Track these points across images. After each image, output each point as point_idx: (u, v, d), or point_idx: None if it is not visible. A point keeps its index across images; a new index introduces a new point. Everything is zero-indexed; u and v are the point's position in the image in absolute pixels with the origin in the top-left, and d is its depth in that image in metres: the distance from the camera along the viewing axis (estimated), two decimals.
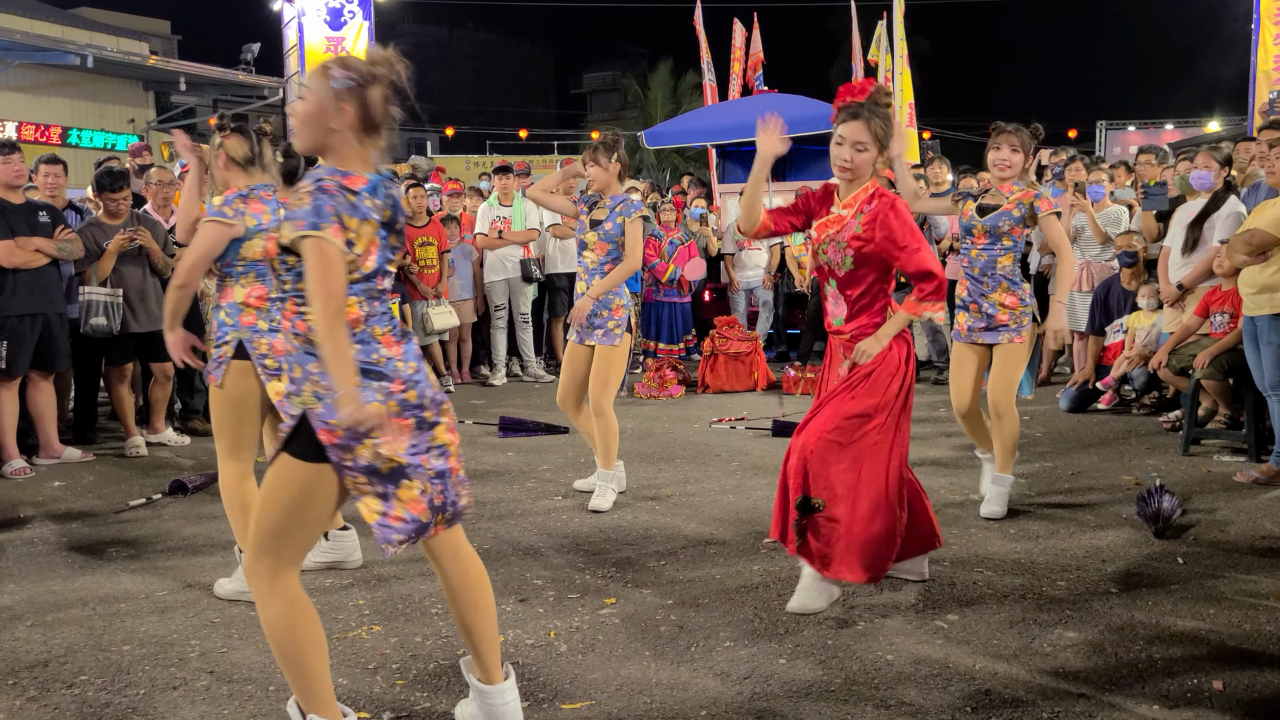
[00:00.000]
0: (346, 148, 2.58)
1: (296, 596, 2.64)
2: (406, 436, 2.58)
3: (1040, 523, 4.84)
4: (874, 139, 3.66)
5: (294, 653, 2.63)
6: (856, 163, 3.68)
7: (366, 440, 2.52)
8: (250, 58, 20.44)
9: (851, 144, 3.67)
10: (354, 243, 2.50)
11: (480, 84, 59.68)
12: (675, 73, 35.45)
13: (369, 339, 2.58)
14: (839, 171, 3.73)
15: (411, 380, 2.62)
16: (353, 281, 2.54)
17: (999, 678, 3.19)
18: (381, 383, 2.56)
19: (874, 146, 3.67)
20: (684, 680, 3.22)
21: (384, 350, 2.59)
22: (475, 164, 21.92)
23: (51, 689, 3.25)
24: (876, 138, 3.66)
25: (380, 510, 2.63)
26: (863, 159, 3.68)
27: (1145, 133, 26.96)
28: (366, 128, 2.58)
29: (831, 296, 3.86)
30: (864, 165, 3.69)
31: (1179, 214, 6.89)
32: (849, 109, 3.69)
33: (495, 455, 6.55)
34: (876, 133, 3.66)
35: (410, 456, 2.61)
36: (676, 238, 10.31)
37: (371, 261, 2.57)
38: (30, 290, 6.16)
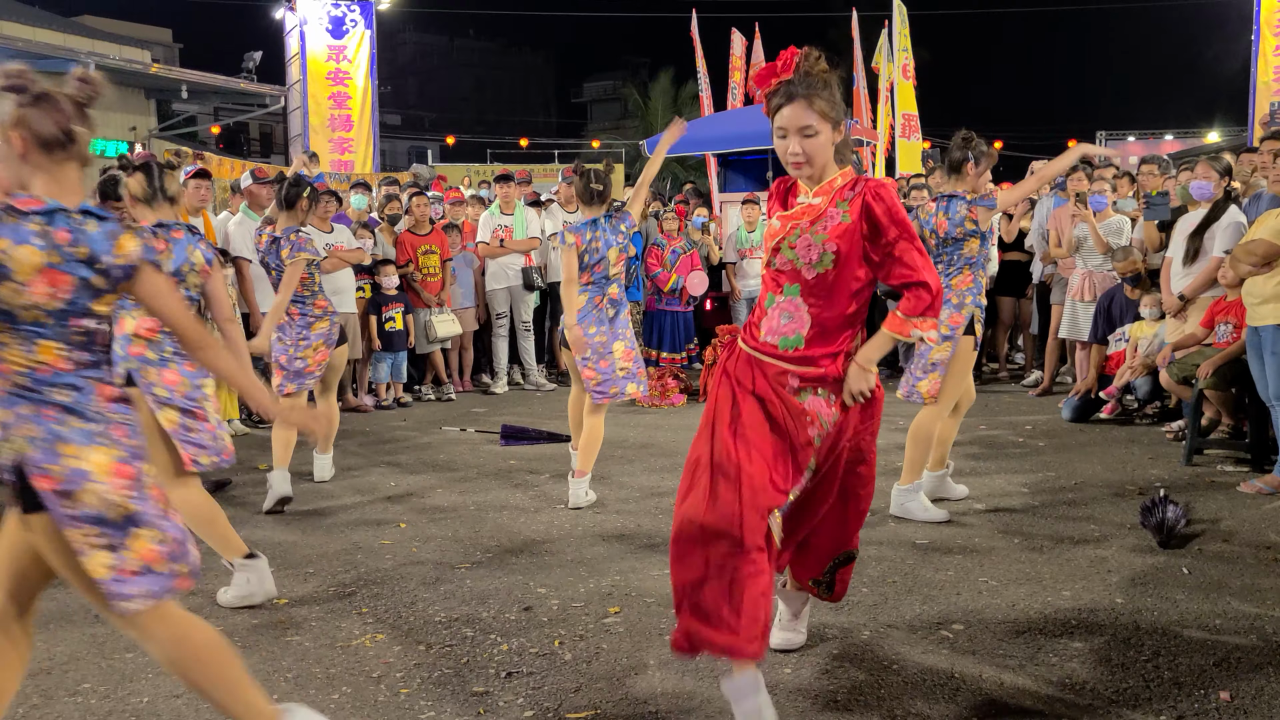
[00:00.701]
0: (41, 173, 2.43)
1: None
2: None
3: (1044, 532, 4.83)
4: (821, 117, 2.94)
5: None
6: (810, 151, 2.96)
7: (88, 485, 2.34)
8: (252, 66, 20.48)
9: (797, 132, 2.95)
10: (6, 266, 2.30)
11: (481, 93, 59.80)
12: (675, 82, 35.51)
13: (84, 386, 2.41)
14: (793, 169, 3.02)
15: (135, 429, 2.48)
16: (34, 321, 2.35)
17: (1005, 687, 3.18)
18: (101, 426, 2.41)
19: (825, 125, 2.95)
20: (689, 689, 3.21)
21: (99, 402, 2.42)
22: (476, 172, 21.94)
23: (55, 696, 3.23)
24: (824, 115, 2.94)
25: (110, 564, 2.38)
26: (816, 145, 2.95)
27: (1145, 143, 27.01)
28: (45, 149, 2.43)
29: (782, 309, 3.02)
30: (819, 151, 2.97)
31: (1180, 224, 6.89)
32: (779, 92, 2.96)
33: (497, 463, 6.54)
34: (822, 110, 2.93)
35: (140, 504, 2.42)
36: (679, 246, 10.31)
37: (50, 299, 2.35)
38: None
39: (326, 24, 18.46)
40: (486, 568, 4.44)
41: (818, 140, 2.95)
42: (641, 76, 43.50)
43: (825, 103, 2.93)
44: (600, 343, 5.54)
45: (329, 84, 18.49)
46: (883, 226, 2.94)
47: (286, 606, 3.99)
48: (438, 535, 4.94)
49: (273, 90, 20.48)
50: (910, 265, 2.96)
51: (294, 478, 6.21)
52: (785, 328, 3.01)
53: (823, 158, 2.99)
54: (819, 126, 2.94)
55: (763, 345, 3.03)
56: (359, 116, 18.66)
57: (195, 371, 4.07)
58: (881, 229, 2.94)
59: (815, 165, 2.98)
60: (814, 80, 2.93)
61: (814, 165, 2.98)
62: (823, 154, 2.99)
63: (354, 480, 6.14)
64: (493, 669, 3.38)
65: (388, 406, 8.79)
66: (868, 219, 2.94)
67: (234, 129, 33.21)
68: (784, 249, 3.02)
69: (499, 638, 3.64)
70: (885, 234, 2.94)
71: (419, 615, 3.88)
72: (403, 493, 5.81)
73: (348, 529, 5.08)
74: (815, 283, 2.97)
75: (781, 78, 2.96)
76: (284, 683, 3.30)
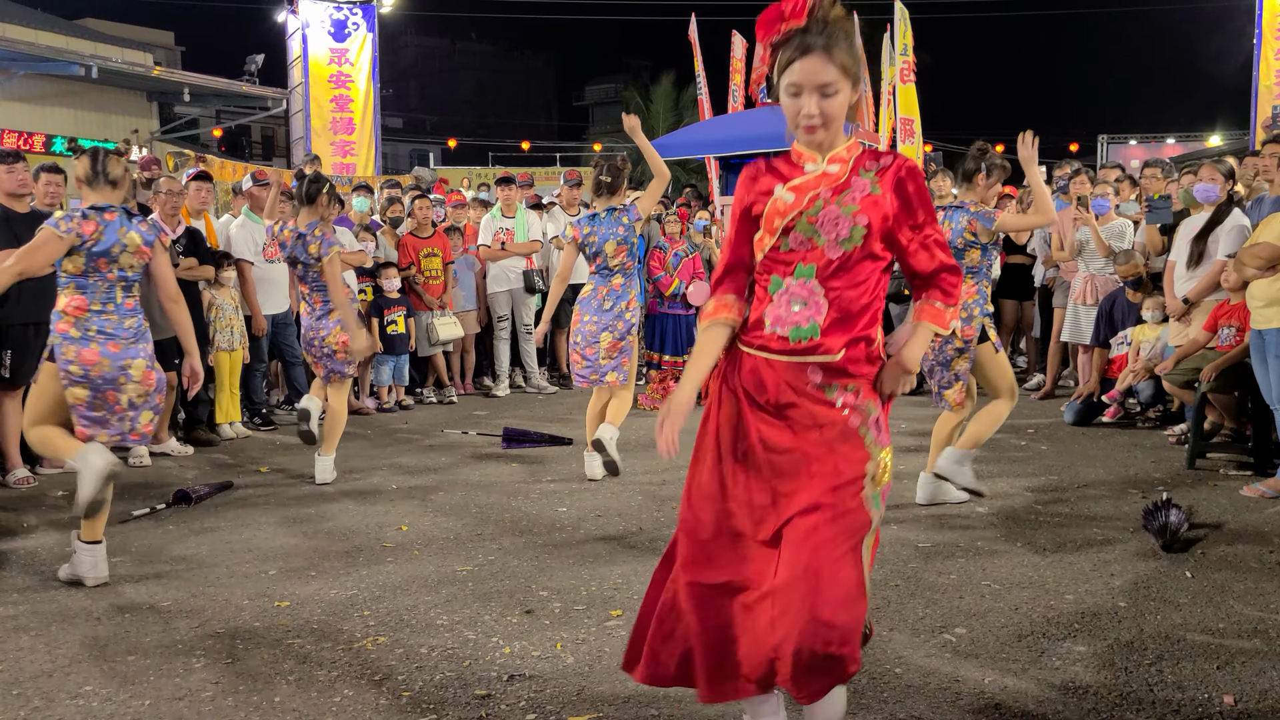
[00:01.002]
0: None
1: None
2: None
3: (1047, 536, 4.83)
4: (842, 72, 2.47)
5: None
6: (829, 112, 2.49)
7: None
8: (254, 69, 20.53)
9: (815, 89, 2.47)
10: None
11: (483, 96, 59.85)
12: (677, 85, 35.52)
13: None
14: (805, 133, 2.53)
15: None
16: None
17: (1008, 691, 3.18)
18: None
19: (845, 83, 2.49)
20: (690, 692, 3.20)
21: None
22: (478, 175, 21.95)
23: (56, 699, 3.23)
24: (845, 70, 2.48)
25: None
26: (835, 105, 2.49)
27: (1147, 146, 27.00)
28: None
29: (793, 295, 2.56)
30: (838, 113, 2.51)
31: (1183, 227, 6.89)
32: (792, 43, 2.48)
33: (499, 466, 6.53)
34: (843, 63, 2.47)
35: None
36: (681, 250, 10.31)
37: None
38: (35, 299, 6.14)
39: (329, 27, 18.50)
40: (488, 570, 4.43)
41: (837, 100, 2.49)
42: (643, 80, 43.55)
43: (846, 55, 2.47)
44: (589, 332, 5.91)
45: (331, 87, 18.52)
46: (914, 206, 2.56)
47: (287, 609, 3.99)
48: (440, 538, 4.94)
49: (275, 93, 20.52)
50: (943, 249, 2.62)
51: (295, 481, 6.21)
52: (797, 316, 2.55)
53: (840, 120, 2.54)
54: (840, 84, 2.47)
55: (769, 340, 2.57)
56: (361, 119, 18.69)
57: (119, 353, 4.29)
58: (913, 209, 2.56)
59: (831, 129, 2.52)
60: (833, 28, 2.47)
61: (829, 129, 2.52)
62: (840, 115, 2.53)
63: (356, 483, 6.14)
64: (495, 672, 3.38)
65: (390, 409, 8.79)
66: (901, 195, 2.54)
67: (236, 132, 33.22)
68: (801, 224, 2.54)
69: (501, 640, 3.64)
70: (916, 215, 2.57)
71: (420, 618, 3.87)
72: (404, 495, 5.81)
73: (349, 531, 5.08)
74: (838, 262, 2.53)
75: (792, 25, 2.49)
76: (285, 685, 3.29)
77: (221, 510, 5.54)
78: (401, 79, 54.31)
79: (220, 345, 7.48)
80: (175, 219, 7.29)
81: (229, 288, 7.59)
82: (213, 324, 7.42)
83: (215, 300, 7.48)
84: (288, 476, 6.33)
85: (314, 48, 18.31)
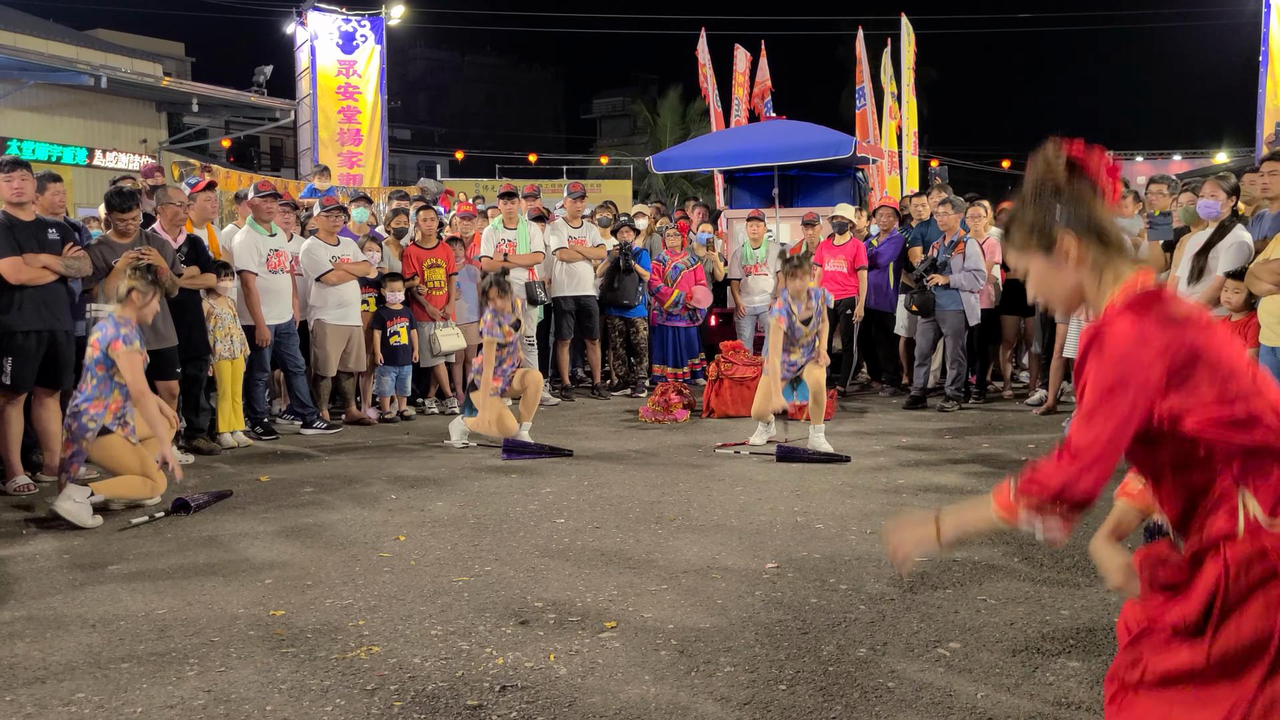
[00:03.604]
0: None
1: None
2: None
3: (1044, 551, 4.81)
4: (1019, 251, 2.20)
5: None
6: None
7: None
8: (263, 80, 20.63)
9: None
10: None
11: (491, 108, 60.09)
12: (684, 99, 35.68)
13: None
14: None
15: None
16: None
17: (1001, 706, 3.17)
18: None
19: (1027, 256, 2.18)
20: (684, 704, 3.20)
21: None
22: (486, 187, 22.02)
23: (49, 706, 3.23)
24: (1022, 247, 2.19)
25: None
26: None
27: (1153, 163, 27.04)
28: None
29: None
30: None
31: (1188, 244, 6.88)
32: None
33: (498, 477, 6.54)
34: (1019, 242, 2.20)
35: None
36: (681, 262, 10.34)
37: None
38: (37, 306, 6.18)
39: (337, 39, 18.59)
40: (484, 581, 4.43)
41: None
42: (651, 93, 43.69)
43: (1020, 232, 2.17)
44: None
45: (339, 98, 18.60)
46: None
47: (283, 617, 3.99)
48: (436, 548, 4.94)
49: (283, 104, 20.62)
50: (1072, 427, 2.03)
51: (294, 490, 6.22)
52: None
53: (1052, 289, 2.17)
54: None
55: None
56: (368, 131, 18.77)
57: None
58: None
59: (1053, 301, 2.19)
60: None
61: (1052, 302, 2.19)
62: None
63: (355, 492, 6.14)
64: (487, 682, 3.37)
65: (391, 419, 8.81)
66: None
67: (244, 142, 33.41)
68: None
69: (494, 651, 3.64)
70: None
71: (415, 628, 3.87)
72: (403, 505, 5.81)
73: (347, 541, 5.08)
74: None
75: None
76: (278, 694, 3.30)
77: (219, 519, 5.55)
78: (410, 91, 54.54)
79: (221, 354, 7.50)
80: (176, 228, 7.33)
81: (227, 297, 7.62)
82: (212, 333, 7.44)
83: (214, 309, 7.51)
84: (287, 485, 6.33)
85: (322, 59, 18.40)
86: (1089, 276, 2.11)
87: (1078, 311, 2.18)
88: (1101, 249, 2.09)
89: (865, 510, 5.60)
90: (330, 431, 8.19)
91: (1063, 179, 2.13)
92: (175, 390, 7.02)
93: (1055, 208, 2.11)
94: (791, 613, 4.00)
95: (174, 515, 5.59)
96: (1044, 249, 2.12)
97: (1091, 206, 2.11)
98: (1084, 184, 2.12)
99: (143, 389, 5.62)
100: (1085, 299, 2.14)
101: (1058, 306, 2.20)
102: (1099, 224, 2.10)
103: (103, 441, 5.64)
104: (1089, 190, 2.12)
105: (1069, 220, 2.09)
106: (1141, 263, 2.11)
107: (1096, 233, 2.09)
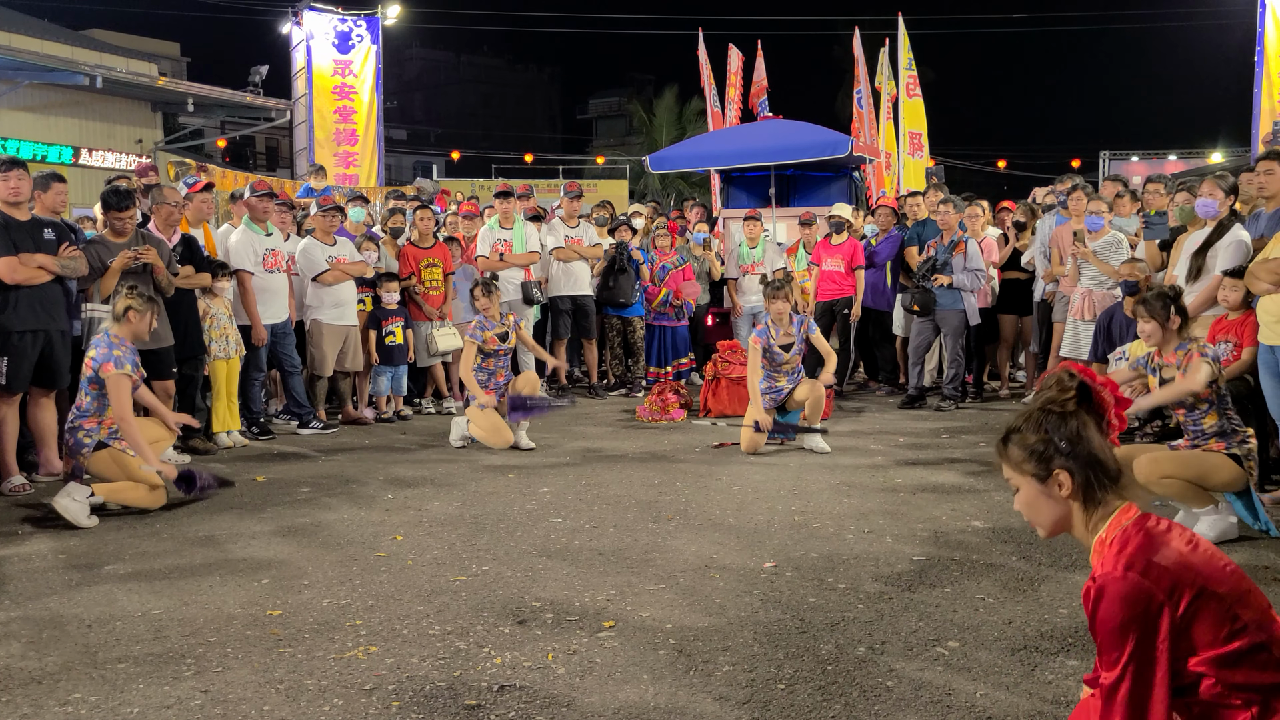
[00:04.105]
0: None
1: None
2: None
3: (1042, 549, 4.81)
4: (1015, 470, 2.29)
5: None
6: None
7: None
8: (258, 80, 20.60)
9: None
10: None
11: (487, 108, 60.09)
12: (680, 99, 35.70)
13: None
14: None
15: None
16: None
17: (1000, 705, 3.16)
18: None
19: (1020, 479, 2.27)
20: (682, 704, 3.19)
21: None
22: (481, 187, 22.01)
23: (45, 706, 3.22)
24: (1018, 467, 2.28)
25: None
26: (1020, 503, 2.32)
27: (1149, 163, 27.06)
28: None
29: None
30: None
31: (1186, 243, 6.88)
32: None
33: (495, 477, 6.53)
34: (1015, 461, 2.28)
35: None
36: (670, 262, 10.34)
37: None
38: (32, 306, 6.16)
39: (333, 38, 18.57)
40: (481, 580, 4.42)
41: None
42: (646, 93, 43.73)
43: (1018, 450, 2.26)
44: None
45: (334, 98, 18.58)
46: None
47: (279, 617, 3.98)
48: (434, 547, 4.93)
49: (278, 104, 20.58)
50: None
51: (291, 490, 6.21)
52: None
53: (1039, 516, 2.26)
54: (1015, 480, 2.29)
55: None
56: (364, 130, 18.74)
57: None
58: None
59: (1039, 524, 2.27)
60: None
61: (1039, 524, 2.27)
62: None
63: (352, 492, 6.13)
64: (485, 682, 3.37)
65: (388, 419, 8.79)
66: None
67: (240, 142, 33.37)
68: None
69: (492, 650, 3.63)
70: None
71: (412, 628, 3.86)
72: (400, 505, 5.80)
73: (344, 541, 5.07)
74: None
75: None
76: (275, 694, 3.28)
77: (216, 518, 5.53)
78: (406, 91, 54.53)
79: (216, 354, 7.48)
80: (171, 228, 7.31)
81: (223, 297, 7.60)
82: (207, 332, 7.43)
83: (210, 309, 7.49)
84: (284, 486, 6.32)
85: (318, 59, 18.38)
86: (1078, 511, 2.17)
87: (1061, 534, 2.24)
88: (1096, 485, 2.14)
89: (863, 509, 5.60)
90: (326, 431, 8.18)
91: (1071, 406, 2.16)
92: (171, 390, 7.00)
93: (1057, 440, 2.16)
94: (790, 612, 3.99)
95: (178, 488, 5.81)
96: (1038, 477, 2.19)
97: (1092, 440, 2.15)
98: (1090, 415, 2.16)
99: (125, 414, 5.63)
100: (1072, 530, 2.21)
101: (1041, 529, 2.26)
102: (1098, 459, 2.14)
103: (99, 456, 5.64)
104: (1094, 422, 2.16)
105: (1068, 456, 2.14)
106: (1126, 491, 2.15)
107: (1094, 466, 2.14)
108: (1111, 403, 2.19)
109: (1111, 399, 2.18)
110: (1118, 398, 2.19)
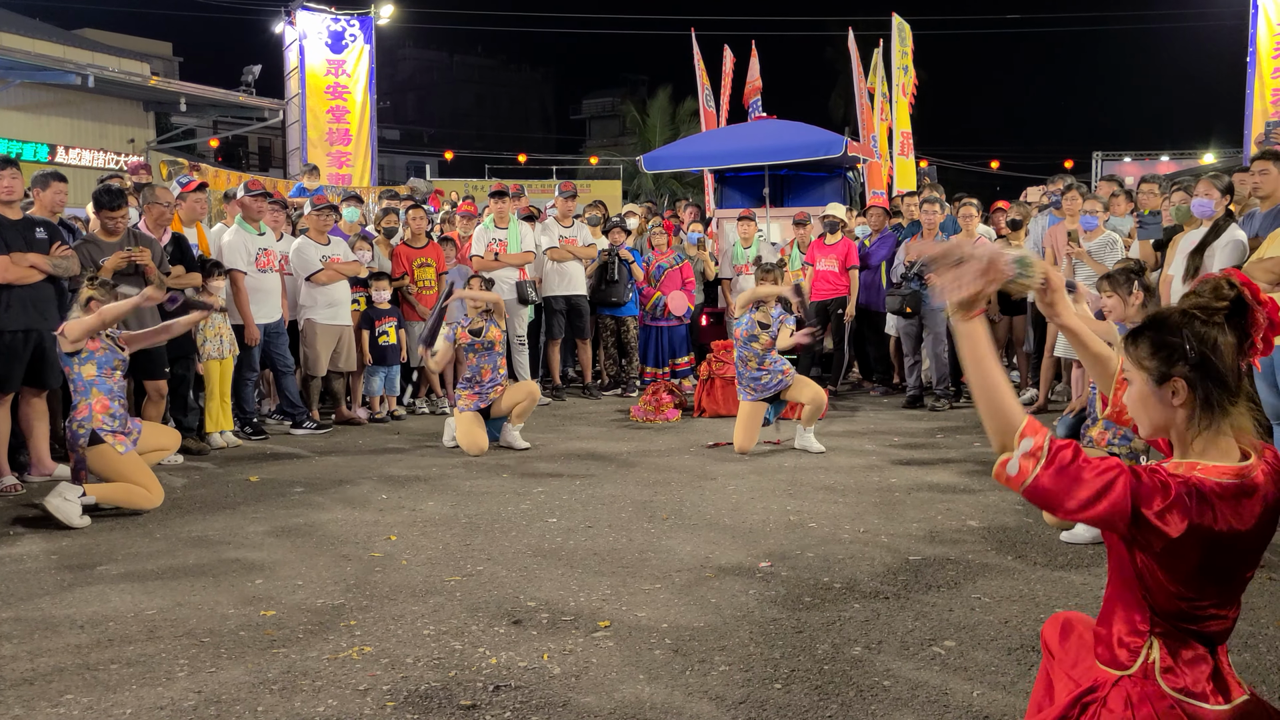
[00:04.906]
0: None
1: None
2: None
3: (1038, 549, 4.81)
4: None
5: None
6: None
7: None
8: (251, 79, 20.53)
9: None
10: None
11: (480, 108, 59.98)
12: (674, 99, 35.66)
13: None
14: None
15: None
16: None
17: (997, 705, 3.16)
18: None
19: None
20: (678, 704, 3.18)
21: None
22: (475, 188, 21.98)
23: (37, 708, 3.20)
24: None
25: None
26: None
27: (1141, 164, 27.14)
28: None
29: None
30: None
31: (1182, 243, 6.89)
32: None
33: (489, 477, 6.51)
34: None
35: None
36: (665, 262, 10.32)
37: None
38: (24, 306, 6.13)
39: (326, 38, 18.51)
40: (476, 580, 4.41)
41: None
42: (640, 93, 43.70)
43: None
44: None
45: (327, 98, 18.52)
46: None
47: (273, 618, 3.96)
48: (428, 547, 4.91)
49: (271, 104, 20.52)
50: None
51: (284, 490, 6.18)
52: None
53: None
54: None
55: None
56: (357, 130, 18.69)
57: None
58: None
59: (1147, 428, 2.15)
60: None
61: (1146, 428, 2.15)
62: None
63: (345, 492, 6.11)
64: (480, 682, 3.35)
65: (381, 419, 8.77)
66: None
67: (232, 142, 33.27)
68: None
69: (487, 651, 3.61)
70: None
71: (407, 628, 3.85)
72: (394, 505, 5.78)
73: (338, 541, 5.05)
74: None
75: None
76: (269, 694, 3.27)
77: (209, 518, 5.51)
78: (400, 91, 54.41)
79: (209, 353, 7.45)
80: (161, 227, 7.28)
81: (216, 296, 7.57)
82: (201, 332, 7.39)
83: None
84: (277, 486, 6.30)
85: (311, 59, 18.31)
86: (1184, 425, 2.05)
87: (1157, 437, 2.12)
88: (1212, 403, 2.01)
89: (858, 509, 5.59)
90: (320, 431, 8.15)
91: (1219, 319, 2.02)
92: (164, 390, 6.97)
93: (1189, 347, 2.01)
94: (786, 611, 3.98)
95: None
96: (1156, 378, 2.06)
97: (1226, 358, 2.01)
98: (1237, 332, 2.02)
99: (104, 312, 5.51)
100: (1170, 439, 2.11)
101: (1142, 428, 2.15)
102: (1223, 379, 2.01)
103: (95, 451, 5.57)
104: (1235, 340, 2.02)
105: (1194, 367, 2.01)
106: (1239, 419, 2.04)
107: (1218, 385, 2.01)
108: (1265, 324, 2.02)
109: (1266, 320, 2.02)
110: (1273, 320, 2.03)
